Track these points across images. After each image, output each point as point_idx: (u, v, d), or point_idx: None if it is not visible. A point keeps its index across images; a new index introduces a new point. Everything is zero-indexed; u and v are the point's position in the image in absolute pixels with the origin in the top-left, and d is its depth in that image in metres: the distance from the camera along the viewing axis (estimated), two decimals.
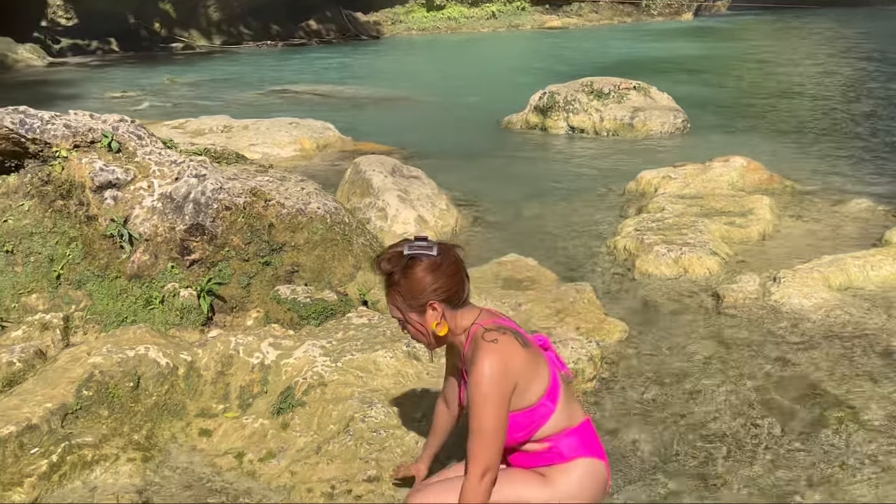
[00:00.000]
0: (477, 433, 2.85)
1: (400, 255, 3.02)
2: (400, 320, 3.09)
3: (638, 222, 6.87)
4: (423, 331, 3.05)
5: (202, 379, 4.50)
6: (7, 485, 3.79)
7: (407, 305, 3.02)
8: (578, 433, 3.04)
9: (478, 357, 2.88)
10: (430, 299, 2.99)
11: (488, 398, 2.84)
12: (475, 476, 2.84)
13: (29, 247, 5.44)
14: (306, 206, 5.79)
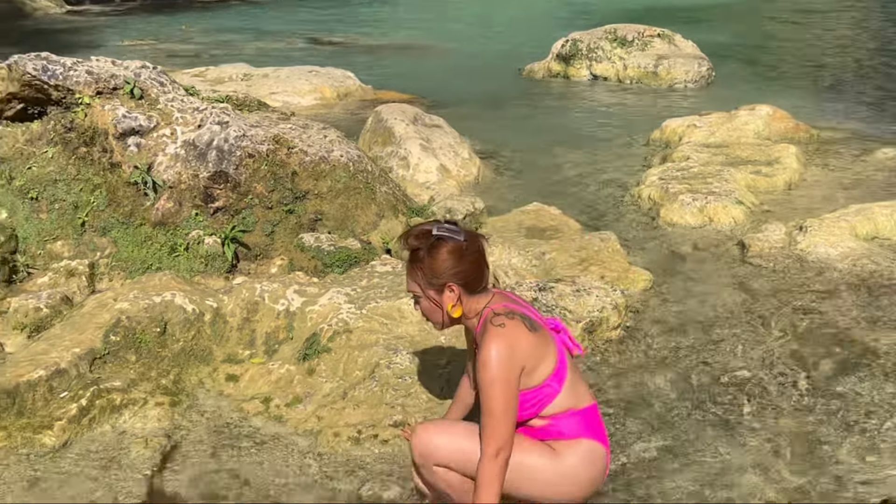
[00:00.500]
0: (487, 414, 2.93)
1: (428, 233, 3.08)
2: (415, 296, 3.16)
3: (662, 171, 6.80)
4: (438, 310, 3.13)
5: (228, 325, 4.53)
6: (38, 428, 3.85)
7: (427, 283, 3.08)
8: (582, 415, 3.10)
9: (485, 341, 2.97)
10: (450, 281, 3.07)
11: (494, 381, 2.92)
12: (489, 455, 2.91)
13: (53, 194, 5.46)
14: (329, 154, 5.76)
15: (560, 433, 3.07)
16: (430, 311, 3.16)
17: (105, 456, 3.77)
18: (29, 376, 3.98)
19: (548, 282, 4.71)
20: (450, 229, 3.09)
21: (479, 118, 9.33)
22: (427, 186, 6.80)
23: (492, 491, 2.89)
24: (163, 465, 3.73)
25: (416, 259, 3.08)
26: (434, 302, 3.11)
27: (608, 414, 3.93)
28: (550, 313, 4.43)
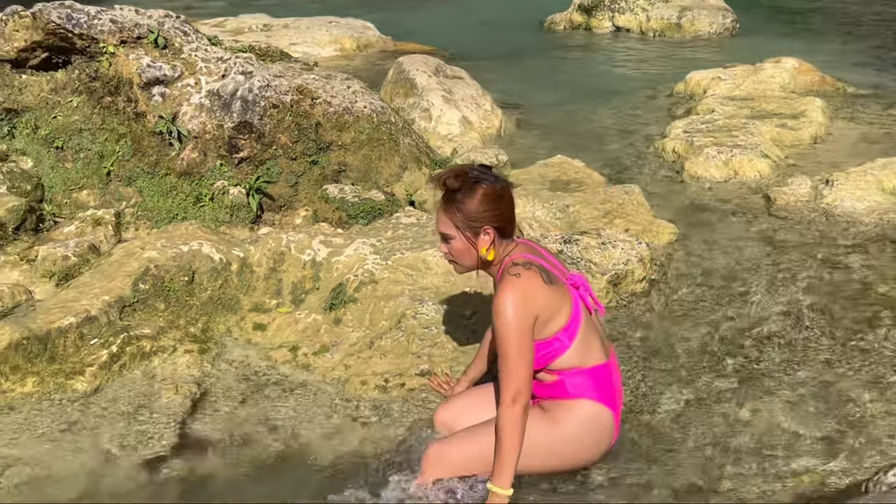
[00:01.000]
0: (503, 360, 2.97)
1: (466, 174, 3.08)
2: (446, 237, 3.13)
3: (687, 124, 6.75)
4: (469, 252, 3.12)
5: (255, 275, 4.56)
6: (69, 373, 3.91)
7: (465, 225, 3.07)
8: (589, 375, 3.13)
9: (501, 288, 3.01)
10: (487, 224, 3.07)
11: (508, 327, 2.95)
12: (507, 401, 2.94)
13: (79, 143, 5.47)
14: (353, 105, 5.75)
15: (566, 391, 3.11)
16: (460, 252, 3.14)
17: (136, 401, 3.83)
18: (60, 323, 4.03)
19: (573, 234, 4.71)
20: (485, 173, 3.10)
21: (501, 70, 9.26)
22: (449, 139, 6.77)
23: (514, 439, 2.93)
24: (193, 411, 3.79)
25: (454, 200, 3.06)
26: (468, 244, 3.10)
27: (633, 364, 3.95)
28: (576, 266, 4.43)
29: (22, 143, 5.54)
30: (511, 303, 2.96)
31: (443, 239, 3.16)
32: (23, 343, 3.89)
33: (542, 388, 3.13)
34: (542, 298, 3.02)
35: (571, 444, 3.13)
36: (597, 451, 3.20)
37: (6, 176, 5.28)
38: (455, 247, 3.13)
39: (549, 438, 3.09)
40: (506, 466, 2.93)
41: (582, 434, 3.13)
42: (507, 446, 2.93)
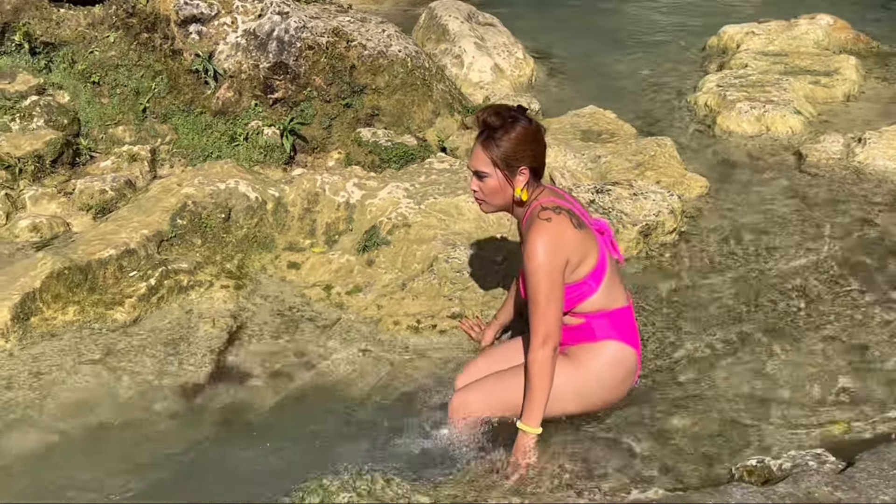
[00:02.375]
0: (533, 304, 3.02)
1: (506, 113, 3.10)
2: (481, 174, 3.12)
3: (720, 78, 6.71)
4: (503, 191, 3.13)
5: (289, 214, 4.62)
6: (109, 304, 4.00)
7: (503, 162, 3.08)
8: (613, 316, 3.19)
9: (531, 233, 3.05)
10: (523, 164, 3.09)
11: (539, 270, 3.00)
12: (536, 344, 3.01)
13: (115, 79, 5.52)
14: (387, 49, 5.75)
15: (592, 334, 3.17)
16: (493, 191, 3.14)
17: (174, 333, 3.93)
18: (100, 255, 4.11)
19: (605, 185, 4.74)
20: (521, 113, 3.13)
21: (533, 19, 9.18)
22: (480, 86, 6.77)
23: (544, 380, 3.00)
24: (229, 344, 3.89)
25: (494, 138, 3.07)
26: (503, 182, 3.11)
27: (662, 314, 4.01)
28: (607, 216, 4.47)
29: (59, 77, 5.59)
30: (542, 246, 3.01)
31: (477, 176, 3.15)
32: (64, 273, 3.98)
33: (569, 331, 3.18)
34: (572, 242, 3.07)
35: (598, 385, 3.20)
36: (622, 391, 3.28)
37: (44, 109, 5.35)
38: (489, 184, 3.13)
39: (577, 381, 3.15)
40: (536, 406, 3.01)
41: (608, 375, 3.20)
42: (538, 387, 3.00)
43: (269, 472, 3.17)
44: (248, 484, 3.13)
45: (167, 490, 3.15)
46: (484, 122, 3.10)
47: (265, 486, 3.06)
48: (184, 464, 3.30)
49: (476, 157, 3.14)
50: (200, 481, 3.19)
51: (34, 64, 5.58)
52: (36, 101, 5.36)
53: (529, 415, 3.02)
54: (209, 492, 3.10)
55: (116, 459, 3.31)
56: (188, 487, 3.14)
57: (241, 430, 3.50)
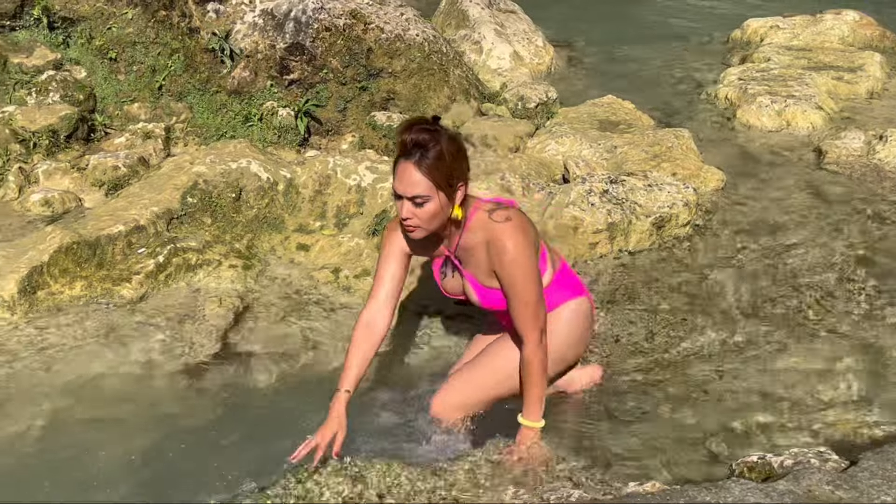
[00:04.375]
0: (525, 305, 2.93)
1: (437, 127, 2.84)
2: (419, 200, 2.82)
3: (742, 71, 6.63)
4: (443, 214, 2.87)
5: (300, 196, 4.60)
6: (117, 280, 4.00)
7: (445, 183, 2.81)
8: (560, 280, 3.20)
9: (498, 237, 2.90)
10: (462, 179, 2.89)
11: (528, 272, 2.93)
12: (535, 342, 2.96)
13: (132, 56, 5.51)
14: (405, 33, 5.71)
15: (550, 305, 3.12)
16: (433, 215, 2.85)
17: (180, 311, 3.92)
18: (109, 230, 4.11)
19: (619, 175, 4.68)
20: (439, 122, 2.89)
21: (553, 7, 9.09)
22: (499, 73, 6.71)
23: (543, 376, 3.00)
24: (235, 324, 3.88)
25: (427, 156, 2.78)
26: (441, 206, 2.84)
27: (673, 307, 3.96)
28: (620, 206, 4.42)
29: (76, 52, 5.59)
30: (519, 247, 2.91)
31: (413, 203, 2.82)
32: (73, 247, 3.98)
33: None
34: (533, 233, 3.04)
35: (568, 345, 3.22)
36: (589, 338, 3.36)
37: (60, 84, 5.34)
38: (429, 210, 2.83)
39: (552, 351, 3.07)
40: (538, 401, 3.00)
41: (575, 332, 3.23)
42: (539, 383, 2.99)
43: (263, 455, 3.14)
44: (240, 466, 3.11)
45: (165, 468, 3.14)
46: (413, 142, 2.79)
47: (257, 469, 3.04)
48: (183, 442, 3.29)
49: (409, 182, 2.80)
50: (197, 461, 3.18)
51: (52, 38, 5.58)
52: (52, 75, 5.35)
53: (531, 409, 3.00)
54: (205, 471, 3.09)
55: (116, 436, 3.31)
56: (185, 466, 3.14)
57: (242, 411, 3.49)
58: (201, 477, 3.09)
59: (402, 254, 3.10)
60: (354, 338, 3.05)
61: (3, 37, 5.57)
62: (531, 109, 5.89)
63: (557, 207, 4.40)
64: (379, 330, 3.06)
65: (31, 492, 3.04)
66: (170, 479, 3.11)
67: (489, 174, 4.73)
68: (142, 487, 3.07)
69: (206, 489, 3.00)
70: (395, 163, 2.86)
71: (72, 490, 3.04)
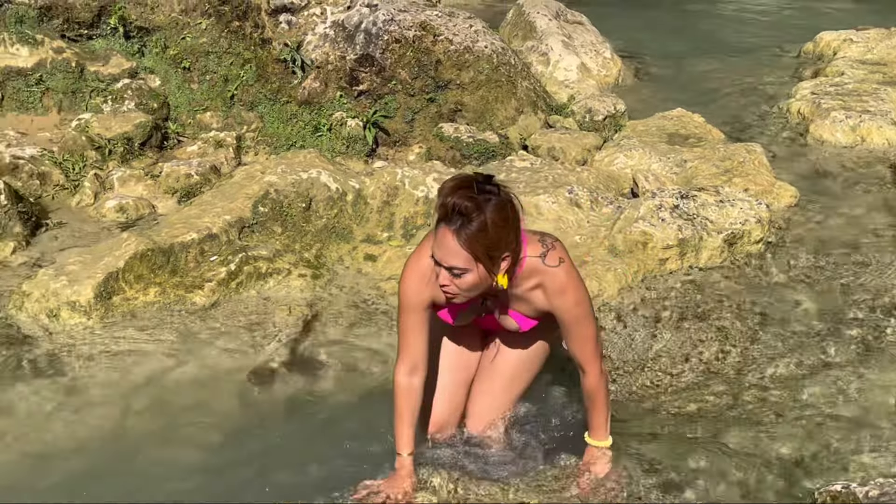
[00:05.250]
0: (587, 340, 2.84)
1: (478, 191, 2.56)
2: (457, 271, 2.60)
3: (814, 86, 6.51)
4: (482, 284, 2.66)
5: (368, 207, 4.62)
6: (189, 287, 4.06)
7: (485, 255, 2.58)
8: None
9: (560, 284, 2.74)
10: (508, 251, 2.63)
11: (589, 310, 2.84)
12: (597, 373, 2.89)
13: (205, 65, 5.61)
14: (474, 45, 5.72)
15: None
16: (472, 286, 2.64)
17: (251, 319, 3.97)
18: (183, 238, 4.18)
19: (690, 190, 4.63)
20: (493, 185, 2.59)
21: (621, 18, 9.05)
22: (566, 85, 6.68)
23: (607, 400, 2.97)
24: (304, 332, 3.91)
25: (468, 227, 2.53)
26: (484, 276, 2.63)
27: (745, 327, 3.89)
28: (691, 222, 4.36)
29: (151, 61, 5.71)
30: (582, 289, 2.81)
31: (450, 272, 2.61)
32: (147, 254, 4.05)
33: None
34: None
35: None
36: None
37: (135, 92, 5.46)
38: (467, 280, 2.62)
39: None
40: (604, 423, 2.98)
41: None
42: (605, 409, 2.96)
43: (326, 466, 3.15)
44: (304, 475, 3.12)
45: (230, 474, 3.17)
46: (455, 208, 2.53)
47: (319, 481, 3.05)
48: (249, 449, 3.32)
49: (447, 251, 2.57)
50: (261, 469, 3.19)
51: (128, 47, 5.71)
52: (128, 84, 5.48)
53: (599, 432, 2.98)
54: (267, 480, 3.11)
55: (185, 441, 3.35)
56: (249, 474, 3.16)
57: (308, 420, 3.51)
58: (264, 486, 3.10)
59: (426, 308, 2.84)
60: (398, 407, 2.90)
61: (81, 45, 5.72)
62: (599, 122, 5.86)
63: (626, 222, 4.36)
64: (419, 391, 2.93)
65: (102, 492, 3.08)
66: (234, 486, 3.13)
67: (557, 187, 4.70)
68: (206, 494, 3.10)
69: (266, 497, 3.02)
70: (436, 224, 2.61)
71: (139, 493, 3.09)
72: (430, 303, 2.82)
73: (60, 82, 5.46)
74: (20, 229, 4.46)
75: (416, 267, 2.79)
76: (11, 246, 4.38)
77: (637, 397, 3.54)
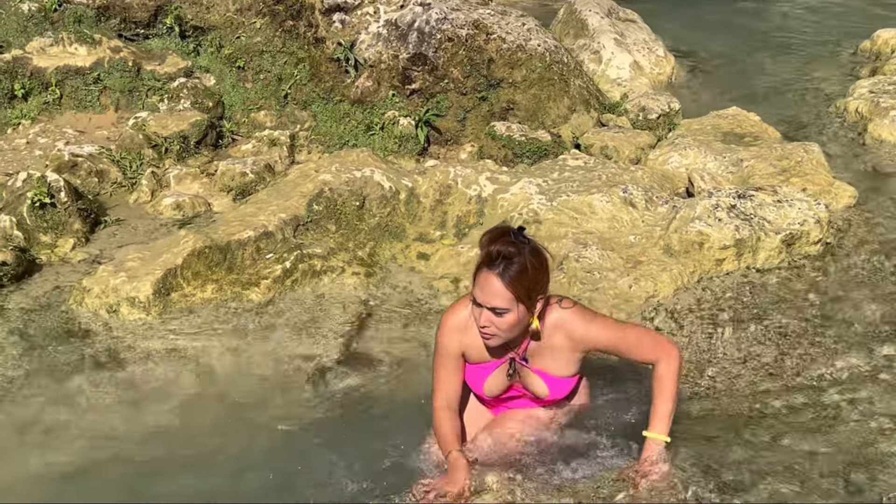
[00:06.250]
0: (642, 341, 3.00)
1: (516, 238, 2.81)
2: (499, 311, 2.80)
3: (873, 84, 6.38)
4: (520, 325, 2.86)
5: (421, 205, 4.63)
6: (245, 284, 4.11)
7: (525, 295, 2.79)
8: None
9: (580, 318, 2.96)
10: (543, 292, 2.88)
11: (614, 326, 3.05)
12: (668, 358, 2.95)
13: (259, 64, 5.67)
14: (526, 43, 5.70)
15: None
16: (511, 326, 2.83)
17: (306, 316, 4.00)
18: (239, 236, 4.22)
19: (747, 189, 4.57)
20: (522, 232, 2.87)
21: (674, 15, 8.94)
22: (618, 83, 6.63)
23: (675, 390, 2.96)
24: (359, 330, 3.93)
25: (510, 269, 2.77)
26: (523, 316, 2.84)
27: (802, 329, 3.83)
28: (748, 223, 4.30)
29: (206, 60, 5.78)
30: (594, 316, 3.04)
31: (493, 312, 2.80)
32: (205, 251, 4.10)
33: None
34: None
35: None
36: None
37: (190, 91, 5.53)
38: (508, 320, 2.81)
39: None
40: (667, 415, 2.94)
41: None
42: (670, 398, 2.94)
43: (379, 463, 3.16)
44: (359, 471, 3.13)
45: (284, 469, 3.20)
46: (499, 253, 2.76)
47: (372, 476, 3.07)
48: (303, 445, 3.34)
49: (491, 293, 2.78)
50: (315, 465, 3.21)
51: (183, 47, 5.79)
52: (183, 83, 5.55)
53: (660, 424, 2.94)
54: (321, 476, 3.13)
55: (239, 435, 3.39)
56: (302, 469, 3.18)
57: (362, 417, 3.53)
58: (318, 481, 3.13)
59: (460, 356, 3.04)
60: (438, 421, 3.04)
61: (137, 45, 5.81)
62: (652, 120, 5.81)
63: (682, 222, 4.31)
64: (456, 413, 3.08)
65: (159, 485, 3.13)
66: (288, 481, 3.16)
67: (611, 186, 4.67)
68: (259, 488, 3.13)
69: (322, 493, 3.04)
70: (477, 271, 2.83)
71: (194, 486, 3.13)
72: (462, 351, 3.03)
73: (118, 81, 5.55)
74: (80, 226, 4.54)
75: (453, 316, 3.04)
76: (71, 242, 4.47)
77: (694, 399, 3.50)
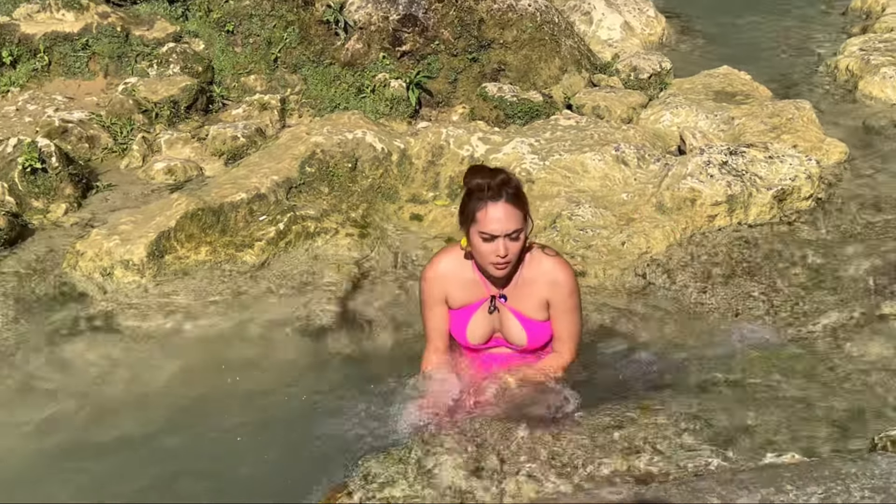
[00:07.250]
0: (572, 325, 3.10)
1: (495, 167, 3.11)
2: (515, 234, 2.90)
3: (863, 42, 6.38)
4: (524, 244, 2.99)
5: (413, 167, 4.63)
6: (239, 246, 4.11)
7: (526, 211, 2.97)
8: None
9: (559, 271, 3.05)
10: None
11: (578, 304, 3.12)
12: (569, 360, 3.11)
13: (248, 28, 5.63)
14: (517, 3, 5.67)
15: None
16: (519, 247, 2.96)
17: (300, 277, 4.02)
18: (232, 198, 4.22)
19: (739, 146, 4.57)
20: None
21: None
22: (609, 44, 6.61)
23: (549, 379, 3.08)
24: (353, 290, 3.95)
25: (519, 195, 2.93)
26: (527, 234, 2.99)
27: (794, 283, 3.87)
28: (740, 178, 4.31)
29: (195, 25, 5.74)
30: (574, 278, 3.09)
31: (510, 238, 2.90)
32: (198, 214, 4.10)
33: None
34: None
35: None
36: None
37: (179, 56, 5.50)
38: (521, 240, 2.94)
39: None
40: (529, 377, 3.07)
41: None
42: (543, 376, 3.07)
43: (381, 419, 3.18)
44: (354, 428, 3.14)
45: (284, 430, 3.22)
46: (501, 182, 2.89)
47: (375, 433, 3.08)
48: (302, 405, 3.37)
49: (507, 217, 2.88)
50: (315, 424, 3.22)
51: (172, 11, 5.74)
52: (172, 48, 5.52)
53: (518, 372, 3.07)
54: (324, 435, 3.14)
55: (238, 397, 3.41)
56: (303, 429, 3.20)
57: (360, 376, 3.55)
58: (321, 440, 3.14)
59: (444, 302, 3.14)
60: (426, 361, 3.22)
61: (126, 10, 5.77)
62: (644, 80, 5.79)
63: (675, 179, 4.33)
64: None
65: (157, 447, 3.15)
66: (289, 442, 3.18)
67: (603, 144, 4.67)
68: (260, 451, 3.14)
69: (325, 451, 3.06)
70: (475, 209, 2.89)
71: (195, 448, 3.16)
72: (445, 297, 3.12)
73: (106, 47, 5.51)
74: (71, 191, 4.53)
75: (432, 268, 3.16)
76: (63, 207, 4.46)
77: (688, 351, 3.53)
